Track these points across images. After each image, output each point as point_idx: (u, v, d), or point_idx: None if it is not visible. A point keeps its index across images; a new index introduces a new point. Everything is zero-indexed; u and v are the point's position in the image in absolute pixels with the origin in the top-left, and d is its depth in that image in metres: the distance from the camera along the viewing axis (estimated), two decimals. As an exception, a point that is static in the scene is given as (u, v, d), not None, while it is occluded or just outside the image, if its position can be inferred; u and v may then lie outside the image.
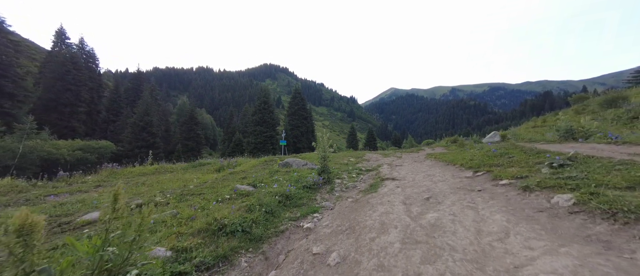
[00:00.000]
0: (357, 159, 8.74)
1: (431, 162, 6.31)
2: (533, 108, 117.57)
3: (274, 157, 8.44)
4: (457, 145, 11.50)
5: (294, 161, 6.72)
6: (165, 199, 3.96)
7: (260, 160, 8.13)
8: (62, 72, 30.98)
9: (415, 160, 7.59)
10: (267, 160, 8.00)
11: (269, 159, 8.19)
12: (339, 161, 7.74)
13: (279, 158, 8.46)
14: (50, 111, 30.03)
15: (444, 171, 4.53)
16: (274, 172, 5.83)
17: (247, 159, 9.40)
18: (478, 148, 5.99)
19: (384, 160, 8.65)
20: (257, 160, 8.34)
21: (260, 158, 9.58)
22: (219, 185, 4.69)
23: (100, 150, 22.67)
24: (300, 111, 41.32)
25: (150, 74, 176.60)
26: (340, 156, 9.60)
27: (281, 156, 10.53)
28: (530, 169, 3.28)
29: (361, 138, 78.43)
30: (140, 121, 27.02)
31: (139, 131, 26.39)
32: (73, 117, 31.48)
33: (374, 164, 7.64)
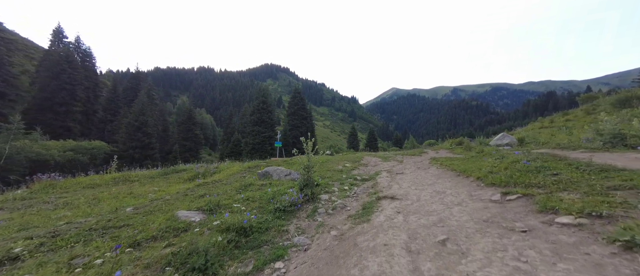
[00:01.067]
0: (354, 164, 8.00)
1: (437, 170, 5.53)
2: (536, 108, 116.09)
3: (260, 162, 7.62)
4: (463, 148, 10.70)
5: (276, 171, 5.84)
6: (38, 243, 2.57)
7: (244, 166, 7.35)
8: (56, 71, 30.45)
9: (419, 166, 6.81)
10: (251, 166, 7.17)
11: (254, 165, 7.34)
12: (332, 167, 7.03)
13: (266, 162, 7.69)
14: (45, 111, 29.52)
15: (456, 186, 3.73)
16: (247, 186, 4.83)
17: (231, 165, 8.58)
18: (496, 155, 5.18)
19: (383, 165, 7.90)
20: (241, 165, 7.58)
21: (247, 162, 8.74)
22: (162, 208, 3.72)
23: (92, 151, 22.07)
24: (300, 111, 40.57)
25: (152, 74, 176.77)
26: (335, 160, 8.82)
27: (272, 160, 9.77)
28: (605, 200, 2.15)
29: (362, 138, 77.60)
30: (136, 121, 26.40)
31: (133, 131, 25.78)
32: (68, 117, 30.95)
33: (371, 170, 6.91)
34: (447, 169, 5.28)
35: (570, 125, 17.51)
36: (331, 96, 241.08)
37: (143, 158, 25.56)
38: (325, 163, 7.90)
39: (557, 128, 18.11)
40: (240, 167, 7.04)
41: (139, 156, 25.16)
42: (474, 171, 4.06)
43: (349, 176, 5.85)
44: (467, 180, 3.93)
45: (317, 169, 6.44)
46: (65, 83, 30.75)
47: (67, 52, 32.80)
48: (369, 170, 7.03)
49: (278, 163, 7.67)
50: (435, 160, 7.57)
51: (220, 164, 8.99)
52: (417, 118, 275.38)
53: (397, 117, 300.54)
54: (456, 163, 5.57)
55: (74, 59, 33.19)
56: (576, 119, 19.25)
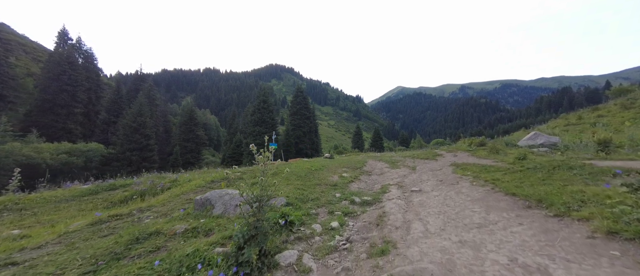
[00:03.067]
0: (354, 173, 6.55)
1: (475, 187, 3.99)
2: (550, 105, 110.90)
3: (232, 173, 6.22)
4: (487, 150, 9.02)
5: (222, 198, 3.64)
6: None
7: (207, 179, 5.74)
8: (57, 72, 30.22)
9: (441, 178, 5.29)
10: (214, 179, 5.69)
11: (219, 178, 5.77)
12: (325, 179, 5.67)
13: (240, 172, 6.42)
14: (46, 113, 29.32)
15: (532, 229, 2.22)
16: (148, 236, 2.86)
17: (192, 176, 7.08)
18: (576, 170, 3.62)
19: (391, 175, 6.43)
20: (203, 178, 5.99)
21: (214, 173, 7.21)
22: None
23: (88, 153, 21.38)
24: (303, 110, 39.28)
25: (159, 76, 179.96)
26: (333, 166, 7.33)
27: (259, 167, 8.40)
28: None
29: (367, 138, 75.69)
30: (133, 122, 25.71)
31: (131, 132, 25.08)
32: (69, 119, 30.69)
33: (376, 183, 5.55)
34: (491, 187, 3.74)
35: (606, 122, 15.47)
36: (336, 95, 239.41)
37: (141, 160, 24.83)
38: (318, 171, 6.51)
39: (589, 125, 16.08)
40: (203, 181, 5.61)
41: (136, 158, 24.43)
42: (547, 196, 2.50)
43: (345, 195, 4.36)
44: (542, 214, 2.36)
45: (305, 182, 5.15)
46: (66, 84, 30.48)
47: (68, 53, 32.60)
48: (373, 183, 5.65)
49: (254, 172, 6.35)
50: (460, 168, 6.01)
51: (180, 175, 7.62)
52: (423, 117, 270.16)
53: (403, 116, 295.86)
54: (499, 177, 4.06)
55: (75, 60, 32.98)
56: (610, 115, 17.11)
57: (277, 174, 5.20)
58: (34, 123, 27.83)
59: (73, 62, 32.26)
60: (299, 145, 37.19)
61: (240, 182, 5.13)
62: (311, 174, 6.04)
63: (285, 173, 4.88)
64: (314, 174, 5.99)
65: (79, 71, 32.75)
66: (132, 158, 24.16)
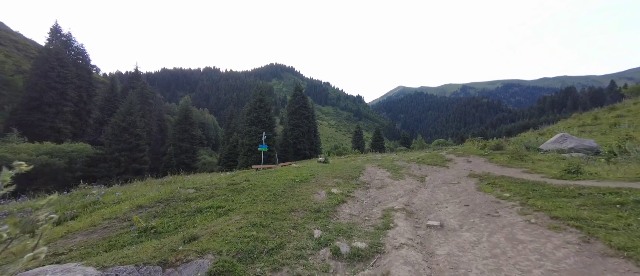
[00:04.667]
0: (348, 186, 5.21)
1: (531, 226, 2.54)
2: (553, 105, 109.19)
3: (181, 186, 4.97)
4: (507, 155, 7.61)
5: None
6: None
7: (134, 204, 4.02)
8: (45, 69, 29.09)
9: (464, 199, 3.99)
10: (143, 205, 3.89)
11: (172, 195, 4.15)
12: (308, 198, 4.24)
13: (189, 182, 5.06)
14: (33, 111, 28.20)
15: None
16: None
17: (127, 194, 5.61)
18: None
19: (394, 189, 5.18)
20: (131, 202, 4.29)
21: (160, 186, 5.93)
22: None
23: (72, 154, 20.20)
24: (301, 109, 38.04)
25: (159, 75, 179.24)
26: (323, 175, 6.04)
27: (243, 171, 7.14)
28: None
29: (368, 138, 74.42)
30: (122, 121, 24.53)
31: (120, 132, 23.91)
32: (58, 117, 29.56)
33: (375, 207, 4.20)
34: (577, 234, 2.22)
35: (629, 122, 14.15)
36: (336, 95, 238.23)
37: (130, 161, 23.66)
38: (302, 183, 5.18)
39: (608, 126, 14.77)
40: (128, 206, 3.84)
41: (125, 159, 23.26)
42: None
43: (327, 235, 2.80)
44: None
45: (276, 205, 3.78)
46: (55, 82, 29.35)
47: (57, 50, 31.46)
48: (371, 204, 4.33)
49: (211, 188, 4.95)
50: (486, 182, 4.64)
51: (112, 188, 6.41)
52: (424, 117, 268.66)
53: (404, 116, 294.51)
54: (575, 212, 2.60)
55: (65, 57, 31.84)
56: (631, 115, 15.78)
57: (243, 192, 4.00)
58: (19, 122, 26.68)
59: (62, 58, 31.13)
60: (297, 145, 35.96)
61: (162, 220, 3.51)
62: (291, 189, 4.78)
63: (254, 188, 3.68)
64: (295, 190, 4.71)
65: (69, 67, 31.62)
66: (121, 158, 23.00)
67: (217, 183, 5.25)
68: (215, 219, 3.17)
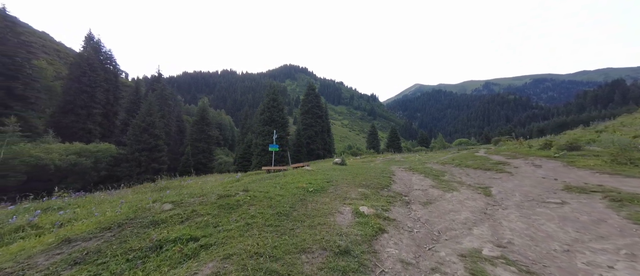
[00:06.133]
0: (379, 200, 3.99)
1: None
2: (596, 100, 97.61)
3: (165, 195, 4.03)
4: (605, 161, 5.33)
5: None
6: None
7: (110, 219, 3.09)
8: (78, 73, 31.24)
9: (625, 247, 2.37)
10: (129, 220, 3.02)
11: (136, 215, 3.12)
12: (326, 222, 2.99)
13: (174, 187, 3.73)
14: (68, 114, 30.38)
15: None
16: None
17: (117, 198, 4.95)
18: None
19: (450, 205, 3.89)
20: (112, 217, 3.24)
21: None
22: None
23: (97, 154, 21.21)
24: (315, 108, 37.35)
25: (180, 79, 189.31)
26: (342, 183, 4.83)
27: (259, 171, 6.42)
28: None
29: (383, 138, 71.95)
30: (142, 122, 25.48)
31: (140, 132, 24.84)
32: (89, 119, 31.59)
33: (435, 242, 2.75)
34: None
35: None
36: (350, 94, 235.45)
37: (150, 161, 24.46)
38: (317, 195, 4.05)
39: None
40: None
41: (145, 159, 24.09)
42: None
43: None
44: None
45: (280, 237, 2.53)
46: (86, 86, 31.40)
47: (88, 55, 33.70)
48: (428, 242, 2.73)
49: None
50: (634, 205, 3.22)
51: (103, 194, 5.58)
52: (443, 115, 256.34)
53: (421, 114, 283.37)
54: None
55: (94, 62, 34.00)
56: None
57: (236, 209, 3.08)
58: (56, 124, 28.91)
59: (92, 63, 33.26)
60: (310, 145, 35.32)
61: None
62: (302, 203, 3.63)
63: (252, 202, 2.74)
64: (307, 205, 3.58)
65: (98, 72, 33.71)
66: (141, 158, 23.85)
67: (208, 193, 3.98)
68: (174, 268, 2.01)
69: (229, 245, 2.30)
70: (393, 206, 3.90)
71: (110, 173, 21.96)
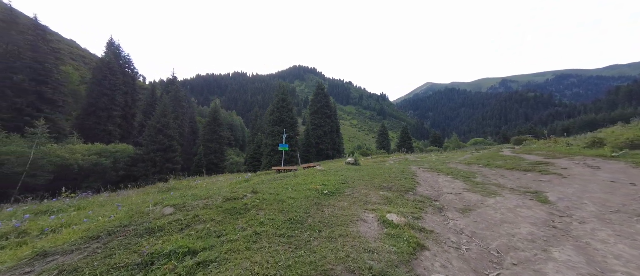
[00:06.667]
0: (404, 204, 3.60)
1: None
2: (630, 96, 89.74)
3: (163, 196, 3.83)
4: None
5: None
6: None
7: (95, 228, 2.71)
8: (99, 77, 32.99)
9: None
10: (123, 226, 2.66)
11: (132, 221, 2.81)
12: (347, 233, 2.52)
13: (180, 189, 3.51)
14: (90, 116, 32.18)
15: None
16: None
17: (126, 198, 4.75)
18: None
19: (498, 213, 3.33)
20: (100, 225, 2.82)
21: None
22: None
23: (116, 154, 22.20)
24: (324, 108, 37.17)
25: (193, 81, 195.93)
26: (359, 184, 4.43)
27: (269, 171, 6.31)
28: None
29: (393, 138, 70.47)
30: (157, 123, 26.42)
31: (155, 133, 25.77)
32: (109, 121, 33.28)
33: (490, 255, 2.37)
34: None
35: None
36: (359, 94, 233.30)
37: (164, 161, 25.31)
38: (332, 198, 3.68)
39: None
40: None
41: (160, 159, 24.96)
42: None
43: None
44: None
45: (287, 256, 2.05)
46: (106, 89, 33.09)
47: (109, 59, 35.52)
48: (490, 268, 2.16)
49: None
50: None
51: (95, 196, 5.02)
52: (456, 114, 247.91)
53: (432, 113, 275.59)
54: None
55: (114, 66, 35.79)
56: None
57: (243, 214, 2.73)
58: (81, 126, 30.71)
59: (112, 67, 35.02)
60: (319, 145, 35.17)
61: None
62: (318, 208, 3.25)
63: (261, 205, 2.51)
64: (324, 210, 3.19)
65: (117, 75, 35.44)
66: (156, 158, 24.72)
67: (214, 195, 3.68)
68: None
69: (233, 262, 1.94)
70: (425, 213, 3.39)
71: (127, 173, 22.91)
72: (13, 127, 20.64)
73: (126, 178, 23.10)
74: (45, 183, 16.94)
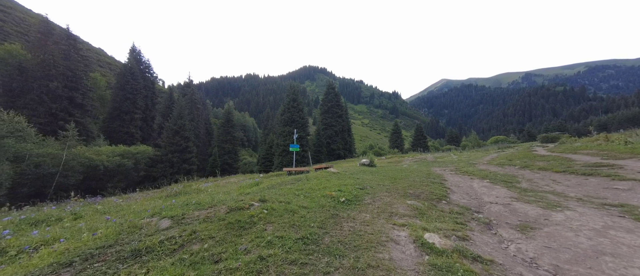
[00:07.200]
0: (439, 217, 3.10)
1: None
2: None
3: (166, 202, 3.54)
4: None
5: None
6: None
7: None
8: (122, 82, 35.04)
9: None
10: (106, 247, 2.22)
11: (117, 240, 2.36)
12: (371, 244, 2.25)
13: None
14: (115, 119, 34.31)
15: None
16: None
17: (122, 205, 4.32)
18: None
19: (580, 238, 2.48)
20: None
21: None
22: None
23: (137, 155, 23.39)
24: (335, 108, 36.83)
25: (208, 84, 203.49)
26: (380, 191, 3.95)
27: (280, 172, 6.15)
28: None
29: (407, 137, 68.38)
30: (174, 125, 27.53)
31: (172, 135, 26.88)
32: (131, 124, 35.26)
33: None
34: None
35: None
36: (370, 92, 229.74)
37: (181, 162, 26.31)
38: (349, 208, 3.30)
39: None
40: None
41: (177, 160, 26.02)
42: None
43: None
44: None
45: None
46: (129, 93, 35.07)
47: (131, 65, 37.63)
48: None
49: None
50: None
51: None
52: (474, 111, 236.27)
53: (448, 111, 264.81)
54: None
55: (136, 71, 37.86)
56: None
57: (248, 230, 2.41)
58: (106, 129, 32.83)
59: (134, 72, 37.04)
60: (330, 145, 34.91)
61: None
62: (335, 222, 2.81)
63: (269, 219, 2.23)
64: (343, 225, 2.72)
65: (138, 80, 37.43)
66: (173, 159, 25.79)
67: (218, 203, 3.28)
68: None
69: None
70: (471, 232, 2.70)
71: (148, 173, 24.09)
72: (49, 131, 22.51)
73: (146, 179, 24.35)
74: (75, 182, 18.20)
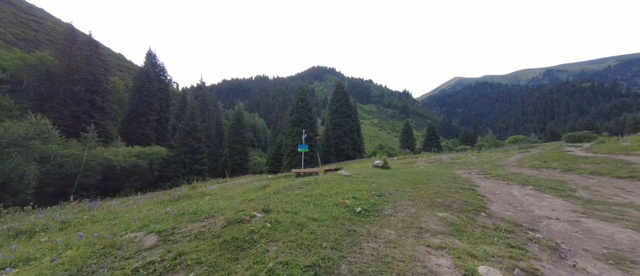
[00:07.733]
0: (481, 237, 2.40)
1: None
2: None
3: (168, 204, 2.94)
4: None
5: None
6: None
7: None
8: (139, 85, 36.50)
9: None
10: None
11: (83, 266, 1.92)
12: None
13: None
14: (132, 121, 35.82)
15: None
16: None
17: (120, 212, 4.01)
18: None
19: None
20: None
21: None
22: None
23: (151, 156, 24.16)
24: (343, 107, 36.36)
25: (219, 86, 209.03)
26: (401, 198, 3.48)
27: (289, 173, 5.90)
28: None
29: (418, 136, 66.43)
30: (186, 126, 28.22)
31: (184, 136, 27.56)
32: (147, 125, 36.66)
33: None
34: None
35: None
36: (379, 92, 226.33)
37: (193, 162, 26.91)
38: (369, 221, 2.79)
39: None
40: None
41: (189, 160, 26.66)
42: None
43: None
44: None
45: None
46: (144, 95, 36.47)
47: (147, 68, 39.16)
48: None
49: None
50: None
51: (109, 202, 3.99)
52: (489, 110, 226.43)
53: (462, 110, 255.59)
54: None
55: (151, 74, 39.38)
56: None
57: (246, 252, 2.01)
58: (124, 130, 34.31)
59: (149, 76, 38.51)
60: (339, 145, 34.47)
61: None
62: (352, 241, 2.32)
63: (273, 237, 1.87)
64: (362, 246, 2.25)
65: (153, 83, 38.86)
66: (186, 160, 26.44)
67: (216, 213, 2.87)
68: None
69: None
70: (536, 261, 2.00)
71: (161, 174, 24.84)
72: (72, 133, 23.82)
73: (160, 179, 25.13)
74: (95, 182, 19.04)
